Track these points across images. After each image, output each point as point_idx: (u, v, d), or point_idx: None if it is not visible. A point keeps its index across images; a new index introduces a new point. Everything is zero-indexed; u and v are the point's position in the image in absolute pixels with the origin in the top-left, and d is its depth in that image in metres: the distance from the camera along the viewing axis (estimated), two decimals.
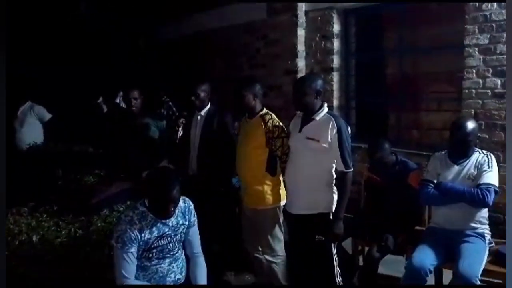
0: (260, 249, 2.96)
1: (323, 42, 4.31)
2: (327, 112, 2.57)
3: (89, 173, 3.26)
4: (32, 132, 4.92)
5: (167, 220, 2.23)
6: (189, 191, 2.95)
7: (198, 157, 3.29)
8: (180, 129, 3.29)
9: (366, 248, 3.08)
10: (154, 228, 2.20)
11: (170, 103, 5.43)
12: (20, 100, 5.07)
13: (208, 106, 3.35)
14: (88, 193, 2.77)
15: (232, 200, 3.46)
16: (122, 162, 3.37)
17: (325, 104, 2.61)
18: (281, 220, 2.90)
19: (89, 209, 2.61)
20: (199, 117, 3.33)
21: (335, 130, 2.47)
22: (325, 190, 2.58)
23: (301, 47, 4.40)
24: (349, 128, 2.57)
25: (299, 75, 4.36)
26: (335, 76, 4.32)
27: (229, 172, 3.42)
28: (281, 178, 2.87)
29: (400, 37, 4.07)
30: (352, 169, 2.51)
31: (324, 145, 2.49)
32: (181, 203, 2.31)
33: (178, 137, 3.29)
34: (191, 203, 2.40)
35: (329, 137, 2.48)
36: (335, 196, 2.58)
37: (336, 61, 4.29)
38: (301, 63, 4.40)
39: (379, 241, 2.89)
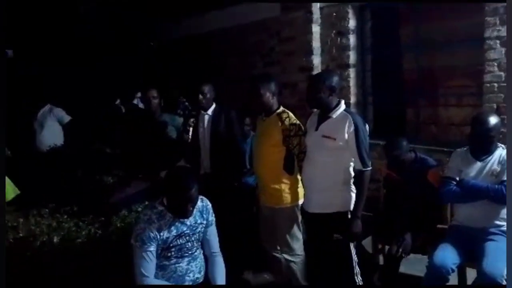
0: (279, 248, 2.94)
1: (338, 38, 4.26)
2: (344, 110, 2.53)
3: (108, 173, 3.29)
4: (52, 134, 4.99)
5: (185, 219, 2.23)
6: (203, 190, 3.00)
7: (211, 155, 3.32)
8: (191, 129, 3.31)
9: (387, 247, 3.03)
10: (172, 227, 2.21)
11: (187, 103, 5.48)
12: (40, 103, 5.15)
13: (214, 105, 3.40)
14: (106, 194, 2.80)
15: (247, 196, 3.48)
16: (140, 162, 3.39)
17: (342, 102, 2.57)
18: (299, 218, 2.87)
19: (108, 209, 2.63)
20: (206, 117, 3.39)
21: (352, 127, 2.43)
22: (343, 188, 2.54)
23: (316, 44, 4.36)
24: (366, 126, 2.53)
25: (315, 72, 4.32)
26: (352, 73, 4.26)
27: (241, 168, 3.44)
28: (299, 177, 2.84)
29: (417, 31, 3.99)
30: (370, 168, 2.47)
31: (341, 143, 2.46)
32: (199, 203, 2.31)
33: (189, 137, 3.31)
34: (208, 203, 2.40)
35: (346, 135, 2.44)
36: (353, 195, 2.54)
37: (352, 57, 4.23)
38: (316, 60, 4.36)
39: (398, 240, 2.84)
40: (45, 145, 4.83)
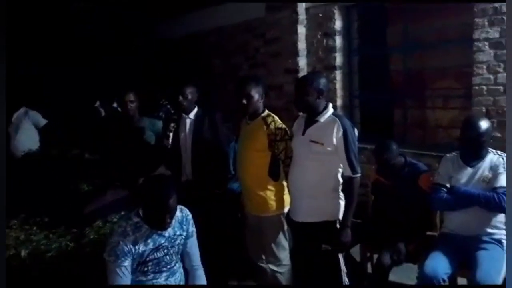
0: (264, 257, 2.82)
1: (324, 40, 4.17)
2: (332, 113, 2.42)
3: (85, 180, 3.10)
4: (27, 138, 4.78)
5: (163, 231, 2.09)
6: (185, 198, 2.86)
7: (193, 161, 3.18)
8: (171, 134, 3.16)
9: (375, 255, 2.93)
10: (149, 240, 2.06)
11: (169, 106, 5.30)
12: (15, 105, 4.93)
13: (196, 109, 3.26)
14: (80, 203, 2.61)
15: (232, 203, 3.35)
16: (117, 169, 3.23)
17: (330, 105, 2.46)
18: (285, 227, 2.75)
19: (81, 220, 2.46)
20: (188, 121, 3.24)
21: (341, 132, 2.32)
22: (331, 196, 2.43)
23: (302, 45, 4.25)
24: (356, 130, 2.42)
25: (300, 74, 4.23)
26: (338, 75, 4.17)
27: (225, 175, 3.31)
28: (284, 183, 2.72)
29: (405, 32, 3.92)
30: (359, 174, 2.36)
31: (329, 148, 2.34)
32: (178, 213, 2.17)
33: (169, 142, 3.15)
34: (189, 213, 2.26)
35: (334, 140, 2.33)
36: (342, 203, 2.43)
37: (338, 59, 4.14)
38: (302, 62, 4.25)
39: (388, 248, 2.74)
40: (19, 150, 4.60)
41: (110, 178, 3.05)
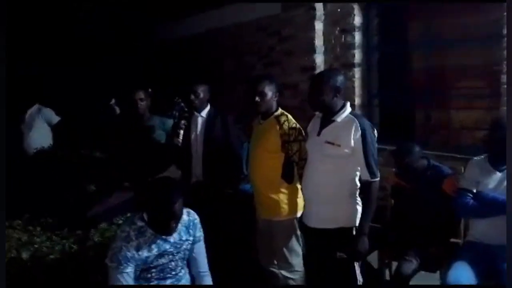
0: (276, 263, 2.69)
1: (343, 36, 4.00)
2: (350, 113, 2.27)
3: (93, 181, 3.02)
4: (40, 136, 4.75)
5: (169, 236, 1.98)
6: (194, 200, 2.76)
7: (204, 162, 3.08)
8: (181, 132, 3.06)
9: (394, 263, 2.77)
10: (153, 245, 1.95)
11: (182, 104, 5.20)
12: (28, 103, 4.91)
13: (208, 107, 3.15)
14: (85, 204, 2.52)
15: (244, 205, 3.23)
16: (126, 169, 3.14)
17: (348, 104, 2.31)
18: (298, 232, 2.61)
19: (86, 222, 2.36)
20: (199, 119, 3.15)
21: (359, 133, 2.16)
22: (347, 201, 2.27)
23: (319, 42, 4.10)
24: (375, 131, 2.26)
25: (318, 71, 4.05)
26: (357, 72, 4.00)
27: (236, 175, 3.20)
28: (298, 186, 2.58)
29: (428, 28, 3.72)
30: (378, 178, 2.20)
31: (346, 150, 2.19)
32: (184, 217, 2.05)
33: (180, 141, 3.05)
34: (196, 217, 2.14)
35: (352, 141, 2.18)
36: (359, 208, 2.27)
37: (357, 56, 3.97)
38: (319, 59, 4.10)
39: (409, 256, 2.57)
40: (32, 148, 4.57)
41: (118, 179, 2.96)
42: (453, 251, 2.60)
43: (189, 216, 2.11)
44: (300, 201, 2.58)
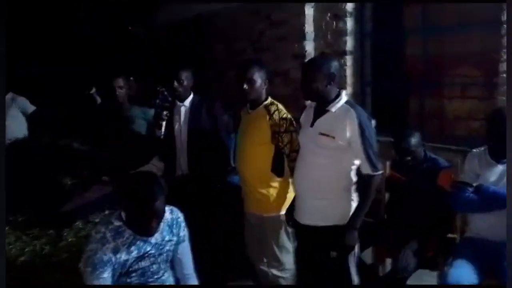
0: (266, 260, 2.57)
1: (334, 22, 3.82)
2: (346, 102, 2.11)
3: (70, 174, 2.81)
4: (14, 126, 4.48)
5: (150, 237, 1.81)
6: (180, 194, 2.58)
7: (189, 154, 2.90)
8: (164, 123, 2.87)
9: (389, 260, 2.66)
10: (133, 247, 1.79)
11: (166, 93, 4.99)
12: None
13: (192, 96, 2.96)
14: (60, 200, 2.31)
15: (232, 199, 3.08)
16: (105, 161, 2.95)
17: (343, 92, 2.15)
18: (290, 228, 2.48)
19: (59, 220, 2.17)
20: (182, 109, 2.96)
21: (356, 124, 2.01)
22: (342, 197, 2.12)
23: (309, 28, 3.92)
24: (373, 121, 2.11)
25: (308, 59, 3.87)
26: (349, 60, 3.83)
27: (224, 168, 3.05)
28: (290, 180, 2.43)
29: (424, 13, 3.56)
30: (381, 171, 2.06)
31: (341, 142, 2.04)
32: (167, 215, 1.89)
33: (162, 133, 2.87)
34: (180, 214, 1.98)
35: (348, 133, 2.02)
36: (354, 205, 2.13)
37: (349, 43, 3.79)
38: (309, 46, 3.92)
39: (404, 252, 2.46)
40: (8, 138, 4.31)
41: (96, 172, 2.76)
42: (450, 247, 2.51)
43: (172, 214, 1.95)
44: (291, 195, 2.44)
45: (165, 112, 2.94)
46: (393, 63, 3.83)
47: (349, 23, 3.78)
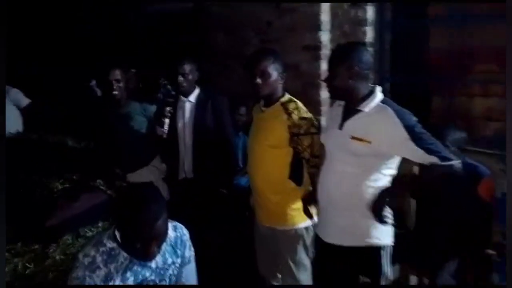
0: (280, 276, 2.28)
1: (352, 10, 3.49)
2: (382, 101, 1.79)
3: (61, 176, 2.49)
4: (7, 120, 4.16)
5: (149, 261, 1.51)
6: (183, 200, 2.29)
7: (194, 155, 2.65)
8: (167, 120, 2.59)
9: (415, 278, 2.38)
10: (128, 273, 1.49)
11: (169, 87, 4.66)
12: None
13: (198, 91, 2.67)
14: (46, 209, 2.00)
15: (240, 205, 2.80)
16: (99, 163, 2.65)
17: (378, 89, 1.83)
18: (308, 241, 2.18)
19: (45, 233, 1.87)
20: (187, 104, 2.69)
21: (398, 124, 1.68)
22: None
23: (325, 17, 3.58)
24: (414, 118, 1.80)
25: (323, 51, 3.56)
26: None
27: (232, 171, 2.77)
28: (309, 188, 2.13)
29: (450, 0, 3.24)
30: (456, 161, 1.71)
31: (380, 147, 1.72)
32: (170, 233, 1.58)
33: (165, 131, 2.59)
34: (185, 231, 1.68)
35: (389, 136, 1.70)
36: (390, 222, 1.83)
37: (369, 33, 3.46)
38: (324, 37, 3.58)
39: (439, 270, 2.18)
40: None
41: (88, 176, 2.45)
42: (490, 265, 2.22)
43: (176, 231, 1.64)
44: (311, 209, 2.14)
45: (168, 108, 2.65)
46: (416, 56, 3.51)
47: (369, 11, 3.45)
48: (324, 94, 3.44)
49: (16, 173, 2.54)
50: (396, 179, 1.81)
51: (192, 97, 2.73)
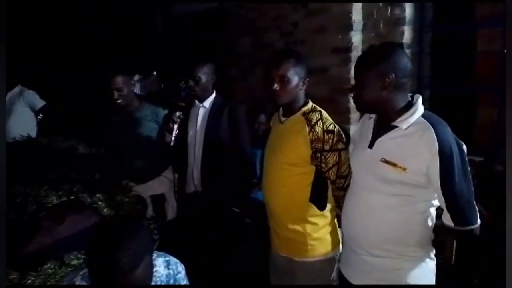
0: None
1: (389, 9, 3.14)
2: (423, 116, 1.43)
3: (58, 189, 2.26)
4: (20, 123, 4.04)
5: None
6: (190, 217, 2.08)
7: (203, 167, 2.41)
8: (175, 126, 2.34)
9: None
10: None
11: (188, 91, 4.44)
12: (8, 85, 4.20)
13: (214, 96, 2.46)
14: (25, 233, 1.74)
15: (253, 224, 2.52)
16: (102, 173, 2.42)
17: (419, 100, 1.48)
18: (333, 275, 1.85)
19: (24, 259, 1.62)
20: (200, 110, 2.47)
21: (435, 149, 1.33)
22: (414, 255, 1.47)
23: (357, 16, 3.24)
24: (464, 147, 1.43)
25: (353, 53, 3.23)
26: None
27: (246, 186, 2.49)
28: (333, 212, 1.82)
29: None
30: (475, 225, 1.38)
31: (416, 177, 1.38)
32: (161, 270, 1.32)
33: (173, 138, 2.34)
34: (180, 268, 1.40)
35: (426, 164, 1.36)
36: (431, 265, 1.48)
37: (407, 34, 3.10)
38: (356, 38, 3.25)
39: None
40: (10, 137, 3.86)
41: (89, 187, 2.21)
42: None
43: (168, 268, 1.37)
44: (335, 236, 1.82)
45: (177, 113, 2.39)
46: (459, 60, 3.12)
47: (408, 10, 3.09)
48: None
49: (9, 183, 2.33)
50: None
51: (207, 103, 2.50)
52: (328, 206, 1.82)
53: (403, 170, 1.37)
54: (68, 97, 4.53)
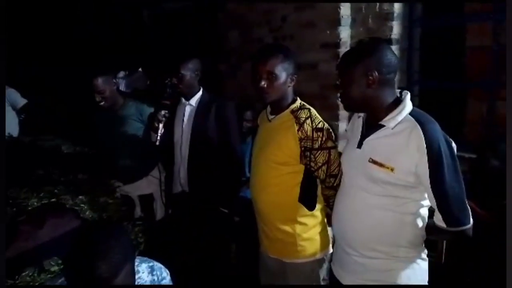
0: None
1: (377, 4, 3.10)
2: (411, 113, 1.39)
3: (39, 190, 2.19)
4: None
5: None
6: (177, 219, 2.05)
7: (190, 166, 2.35)
8: (161, 125, 2.28)
9: None
10: None
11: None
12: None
13: (200, 93, 2.40)
14: (8, 235, 1.68)
15: (241, 226, 2.48)
16: (86, 174, 2.36)
17: (407, 97, 1.43)
18: (322, 276, 1.82)
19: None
20: (187, 108, 2.41)
21: (424, 150, 1.29)
22: (406, 255, 1.43)
23: (345, 11, 3.19)
24: (453, 144, 1.38)
25: (342, 49, 3.18)
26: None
27: (234, 186, 2.44)
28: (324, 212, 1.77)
29: None
30: (468, 226, 1.34)
31: (405, 177, 1.34)
32: (144, 276, 1.27)
33: (158, 138, 2.27)
34: (165, 273, 1.35)
35: (414, 163, 1.32)
36: (423, 265, 1.45)
37: (395, 29, 3.06)
38: (345, 33, 3.20)
39: None
40: None
41: (72, 188, 2.14)
42: None
43: (153, 274, 1.31)
44: (325, 236, 1.78)
45: (163, 112, 2.33)
46: (448, 55, 3.08)
47: (396, 5, 3.05)
48: None
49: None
50: None
51: (193, 100, 2.43)
52: (318, 206, 1.78)
53: (390, 170, 1.33)
54: (62, 96, 4.42)
